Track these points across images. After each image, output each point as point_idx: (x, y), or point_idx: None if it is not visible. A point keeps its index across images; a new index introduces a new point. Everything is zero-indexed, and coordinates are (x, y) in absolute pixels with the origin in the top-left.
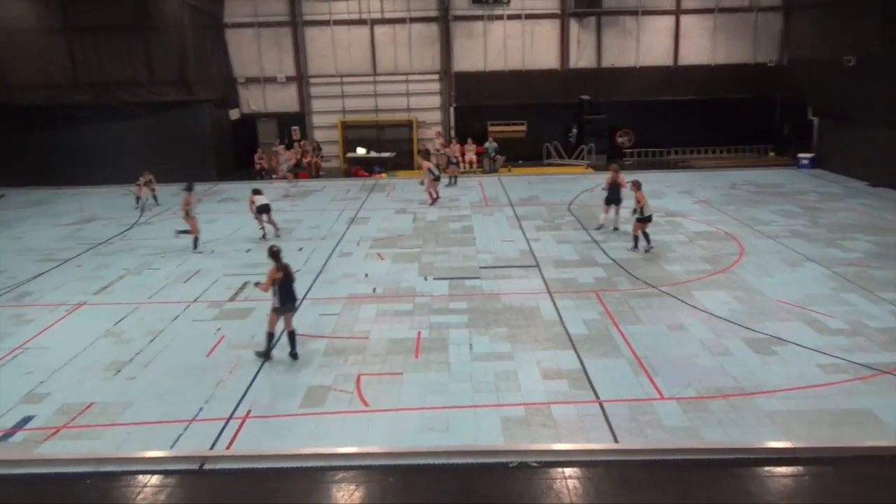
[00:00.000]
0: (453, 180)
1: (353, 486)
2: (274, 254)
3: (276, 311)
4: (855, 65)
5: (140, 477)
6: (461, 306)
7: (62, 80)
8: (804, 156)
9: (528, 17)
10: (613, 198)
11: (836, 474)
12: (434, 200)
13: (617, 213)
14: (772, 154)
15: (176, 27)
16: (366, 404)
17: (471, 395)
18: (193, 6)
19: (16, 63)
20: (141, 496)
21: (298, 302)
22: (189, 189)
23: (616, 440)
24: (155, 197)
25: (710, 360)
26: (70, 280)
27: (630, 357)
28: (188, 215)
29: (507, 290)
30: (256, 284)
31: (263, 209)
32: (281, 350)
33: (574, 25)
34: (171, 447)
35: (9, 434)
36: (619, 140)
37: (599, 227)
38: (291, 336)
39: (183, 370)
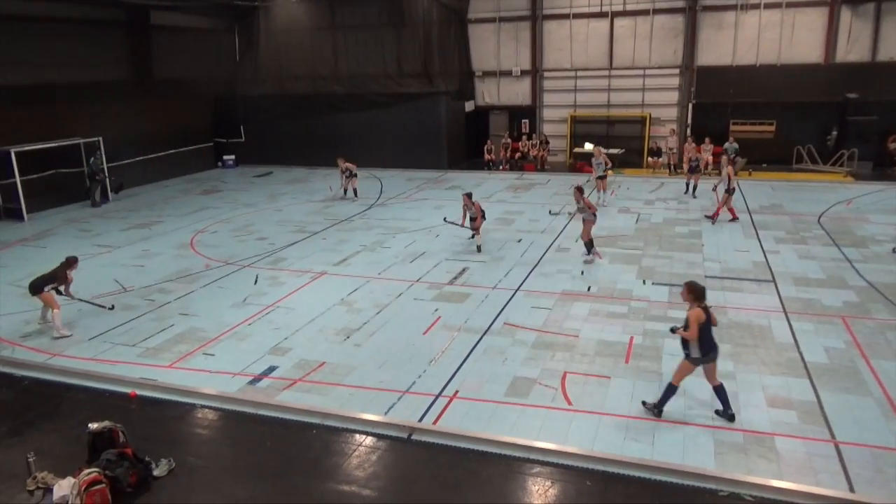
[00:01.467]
0: (692, 189)
1: (548, 483)
2: (699, 291)
3: (694, 362)
4: None
5: (357, 436)
6: (680, 315)
7: (325, 72)
8: None
9: (790, 5)
10: None
11: None
12: (734, 217)
13: None
14: None
15: (425, 24)
16: (569, 403)
17: (682, 410)
18: (443, 4)
19: (289, 58)
20: (356, 454)
21: (514, 291)
22: (581, 190)
23: (852, 489)
24: (355, 191)
25: None
26: (316, 251)
27: (880, 397)
28: (590, 218)
29: (734, 303)
30: (673, 330)
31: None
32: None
33: (846, 13)
34: (386, 413)
35: (257, 379)
36: (892, 146)
37: None
38: (721, 392)
39: (402, 344)
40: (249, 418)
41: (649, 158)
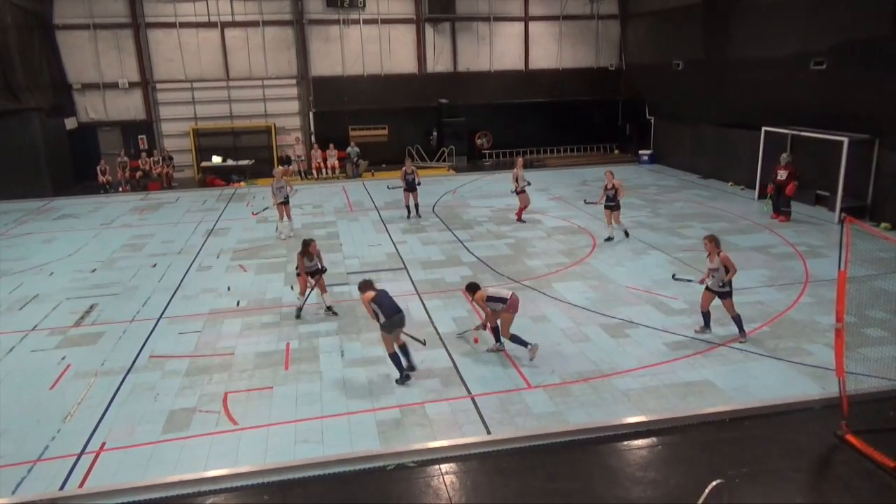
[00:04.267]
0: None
1: None
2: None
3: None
4: (683, 69)
5: None
6: (340, 313)
7: None
8: (644, 152)
9: (385, 21)
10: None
11: (684, 441)
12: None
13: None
14: (616, 152)
15: None
16: (234, 423)
17: (345, 402)
18: (16, 5)
19: None
20: None
21: (156, 320)
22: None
23: (489, 432)
24: None
25: (572, 347)
26: None
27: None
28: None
29: None
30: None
31: None
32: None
33: (430, 31)
34: (14, 493)
35: None
36: (478, 142)
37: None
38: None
39: (23, 406)
40: None
41: (280, 167)
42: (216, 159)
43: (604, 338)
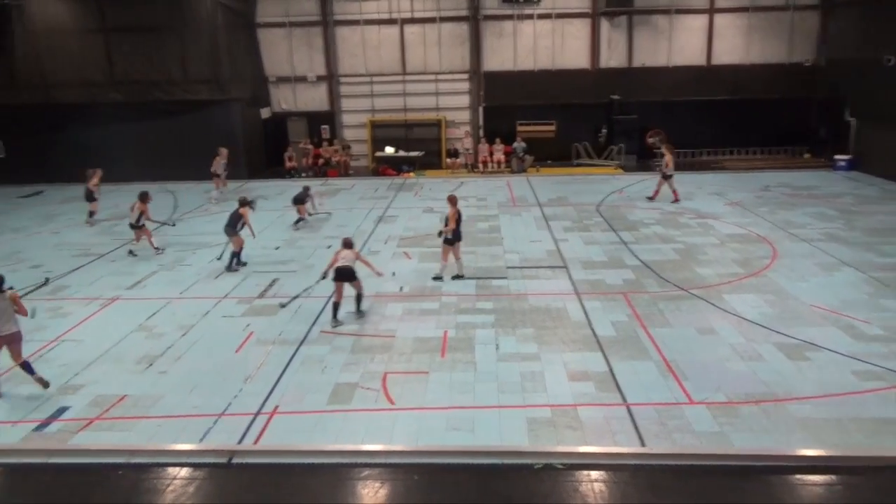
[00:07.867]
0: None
1: (377, 484)
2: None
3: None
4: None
5: (170, 469)
6: (488, 306)
7: (98, 78)
8: (841, 157)
9: (559, 16)
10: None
11: (870, 484)
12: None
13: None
14: (807, 156)
15: (209, 27)
16: (392, 402)
17: (496, 395)
18: (227, 6)
19: (54, 62)
20: (170, 488)
21: (327, 298)
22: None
23: (643, 444)
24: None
25: (741, 365)
26: (104, 275)
27: (658, 360)
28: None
29: (534, 290)
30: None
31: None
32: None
33: (605, 25)
34: (201, 441)
35: (44, 424)
36: (650, 140)
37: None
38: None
39: (213, 365)
40: (39, 469)
41: (448, 160)
42: (389, 150)
43: (779, 358)
